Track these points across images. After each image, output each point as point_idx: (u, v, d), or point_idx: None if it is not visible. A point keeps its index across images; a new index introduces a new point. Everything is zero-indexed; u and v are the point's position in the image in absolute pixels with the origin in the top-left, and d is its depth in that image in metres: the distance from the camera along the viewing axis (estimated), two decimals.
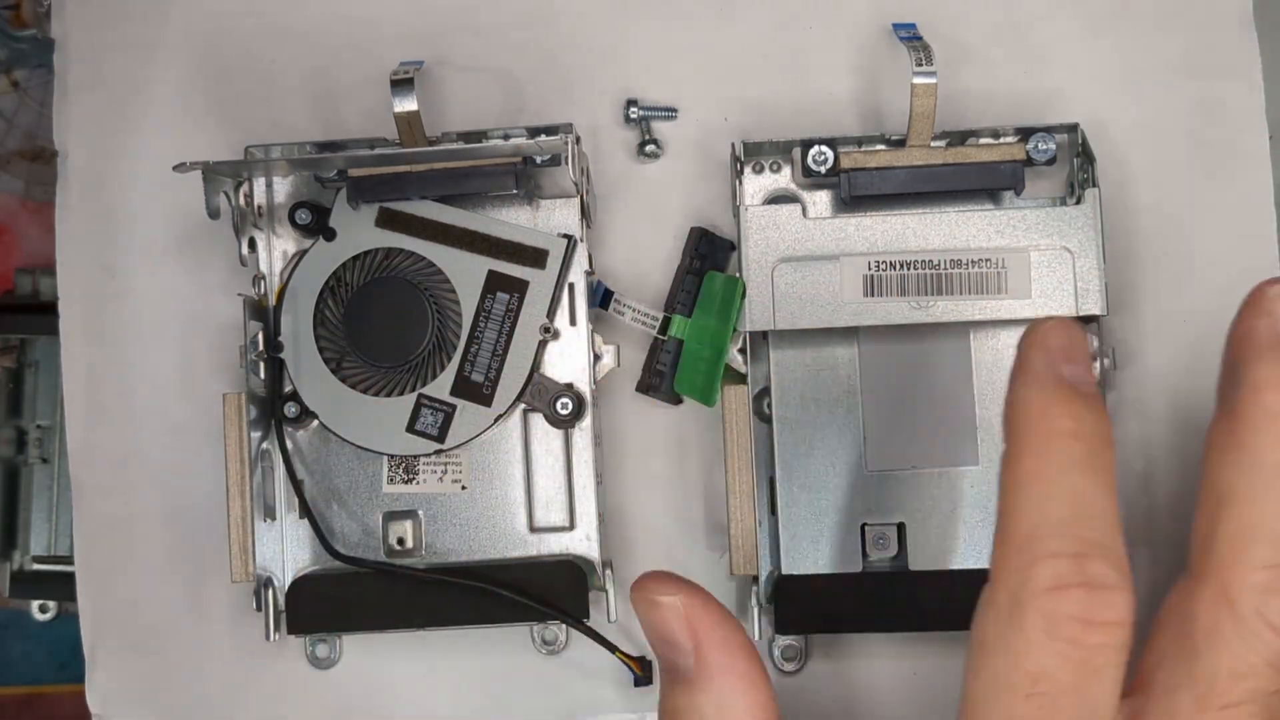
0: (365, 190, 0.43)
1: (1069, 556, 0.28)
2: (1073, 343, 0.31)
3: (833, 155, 0.43)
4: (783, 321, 0.42)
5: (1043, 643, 0.28)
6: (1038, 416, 0.30)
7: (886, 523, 0.43)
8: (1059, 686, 0.28)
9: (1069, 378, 0.30)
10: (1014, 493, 0.29)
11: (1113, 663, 0.28)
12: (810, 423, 0.43)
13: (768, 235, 0.43)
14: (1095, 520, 0.29)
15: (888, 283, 0.42)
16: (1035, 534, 0.29)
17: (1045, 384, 0.30)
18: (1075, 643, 0.28)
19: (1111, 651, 0.28)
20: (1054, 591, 0.28)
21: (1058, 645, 0.28)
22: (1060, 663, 0.28)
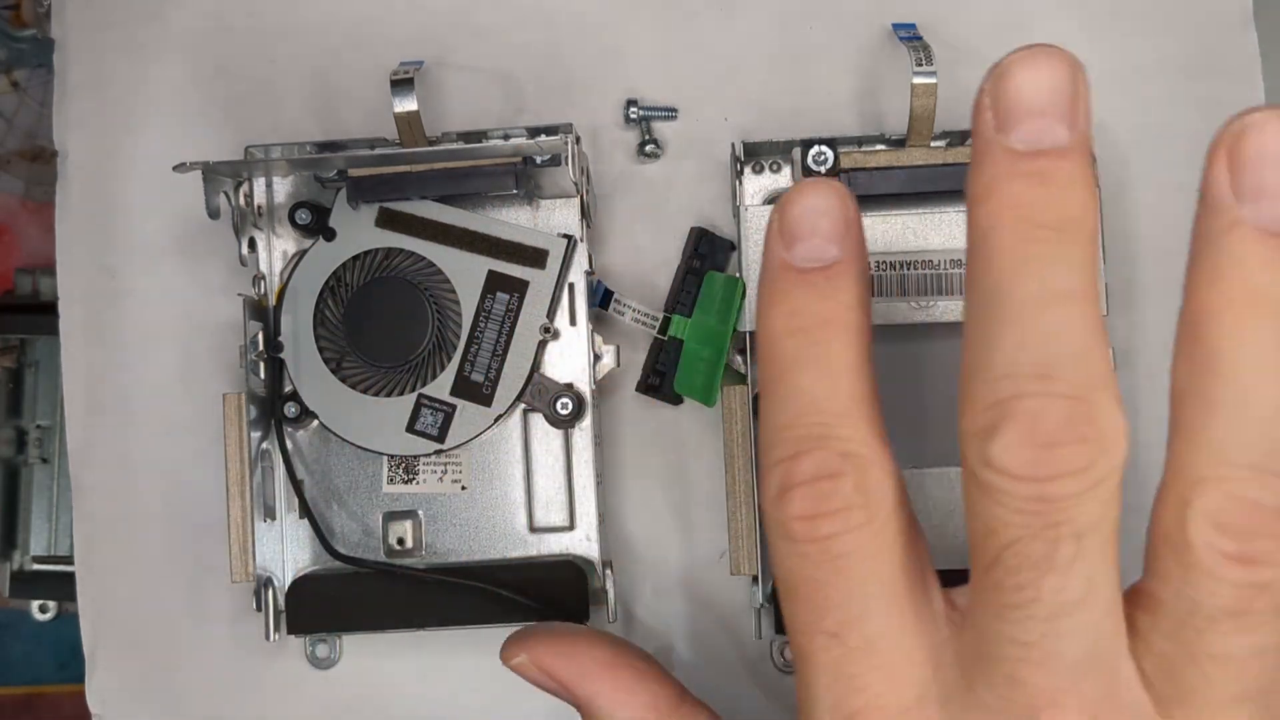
0: (365, 190, 0.43)
1: (786, 461, 0.28)
2: (804, 212, 0.29)
3: (833, 155, 0.43)
4: None
5: (787, 552, 0.28)
6: (760, 320, 0.29)
7: None
8: (815, 585, 0.28)
9: (798, 260, 0.29)
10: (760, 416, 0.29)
11: (855, 548, 0.28)
12: None
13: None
14: (811, 415, 0.28)
15: (888, 283, 0.42)
16: (763, 449, 0.28)
17: (765, 280, 0.29)
18: (808, 541, 0.28)
19: (849, 537, 0.28)
20: (778, 500, 0.28)
21: (796, 548, 0.28)
22: (803, 563, 0.28)
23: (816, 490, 0.28)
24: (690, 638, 0.46)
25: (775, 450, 0.28)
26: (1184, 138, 0.46)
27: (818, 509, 0.27)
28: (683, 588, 0.46)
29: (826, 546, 0.28)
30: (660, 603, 0.46)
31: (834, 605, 0.28)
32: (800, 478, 0.28)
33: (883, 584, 0.28)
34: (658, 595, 0.46)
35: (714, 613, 0.46)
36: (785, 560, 0.28)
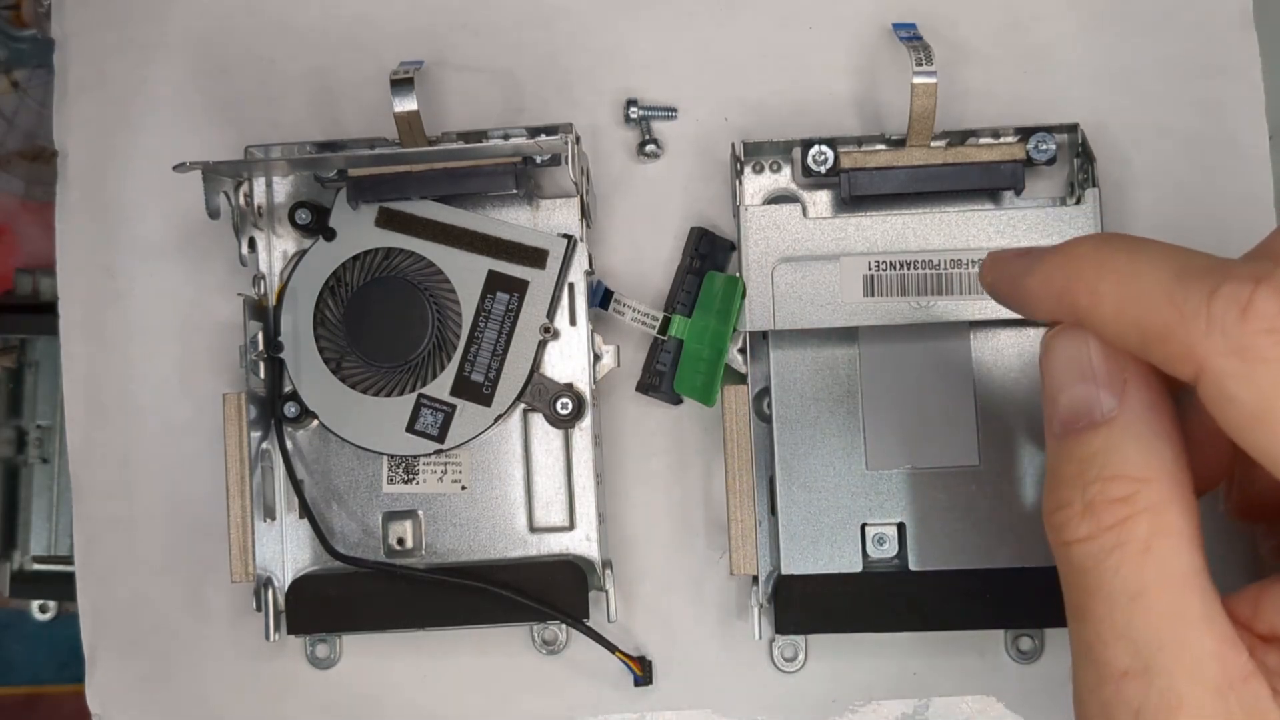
0: (365, 190, 0.43)
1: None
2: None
3: (833, 155, 0.43)
4: (783, 321, 0.42)
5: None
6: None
7: (886, 523, 0.43)
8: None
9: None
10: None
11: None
12: (810, 423, 0.43)
13: (768, 235, 0.43)
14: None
15: (888, 283, 0.42)
16: None
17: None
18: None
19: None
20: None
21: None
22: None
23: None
24: (690, 638, 0.46)
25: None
26: (1184, 138, 0.46)
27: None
28: (683, 588, 0.46)
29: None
30: (660, 603, 0.46)
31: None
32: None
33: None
34: (658, 595, 0.46)
35: (714, 613, 0.46)
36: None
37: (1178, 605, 0.28)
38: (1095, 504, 0.29)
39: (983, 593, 0.42)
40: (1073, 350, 0.30)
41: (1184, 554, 0.28)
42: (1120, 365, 0.29)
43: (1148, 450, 0.29)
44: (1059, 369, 0.30)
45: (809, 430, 0.43)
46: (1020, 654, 0.45)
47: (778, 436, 0.43)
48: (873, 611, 0.42)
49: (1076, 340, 0.30)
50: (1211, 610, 0.28)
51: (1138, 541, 0.28)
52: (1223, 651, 0.28)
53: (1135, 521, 0.28)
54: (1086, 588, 0.29)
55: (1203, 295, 0.26)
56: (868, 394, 0.43)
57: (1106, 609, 0.28)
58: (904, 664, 0.45)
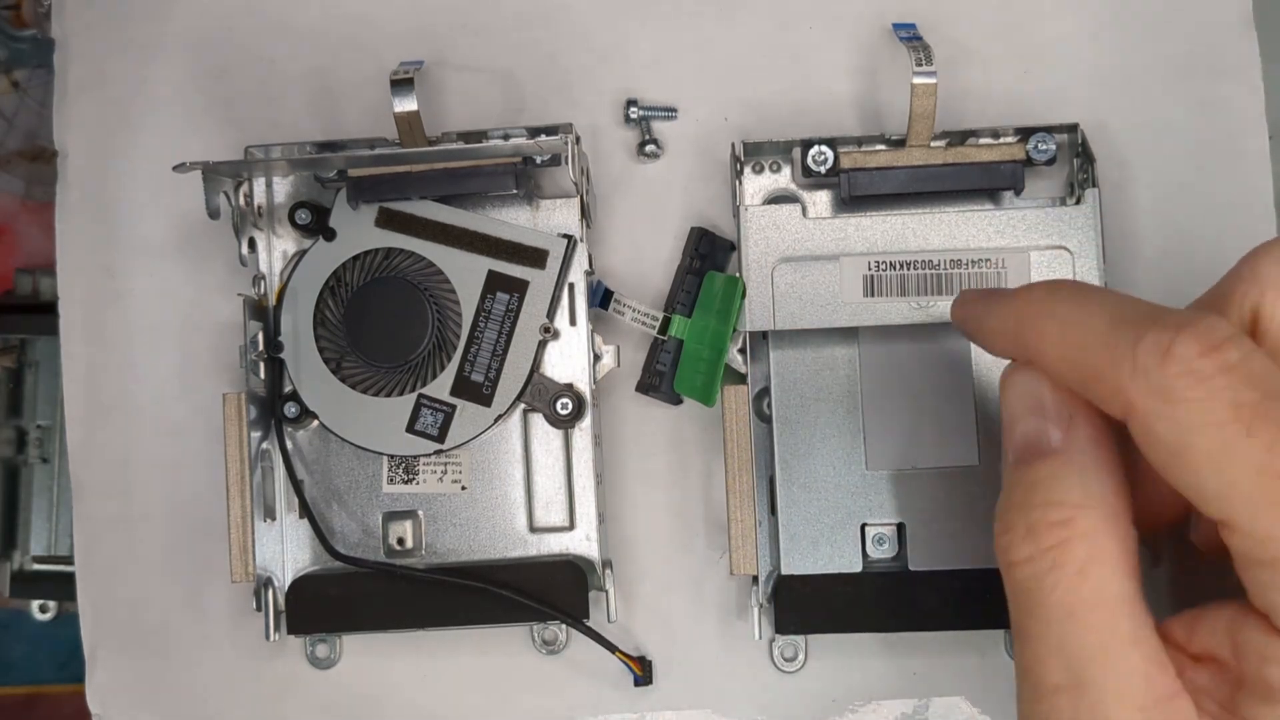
0: (365, 190, 0.43)
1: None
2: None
3: (833, 155, 0.43)
4: (783, 321, 0.42)
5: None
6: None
7: (886, 523, 0.43)
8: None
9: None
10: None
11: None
12: (810, 423, 0.43)
13: (768, 235, 0.43)
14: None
15: (888, 283, 0.42)
16: None
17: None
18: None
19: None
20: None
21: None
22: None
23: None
24: (690, 638, 0.46)
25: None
26: (1184, 138, 0.46)
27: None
28: (683, 588, 0.46)
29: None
30: (660, 603, 0.46)
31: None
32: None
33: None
34: (658, 595, 0.46)
35: (714, 613, 0.46)
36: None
37: (1109, 625, 0.29)
38: (1036, 527, 0.30)
39: (983, 593, 0.42)
40: (1026, 387, 0.32)
41: (1117, 578, 0.29)
42: (1067, 403, 0.32)
43: (1088, 481, 0.30)
44: (1014, 403, 0.33)
45: (809, 430, 0.43)
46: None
47: (778, 436, 0.43)
48: (872, 611, 0.42)
49: (1030, 377, 0.32)
50: (1141, 632, 0.29)
51: (1074, 564, 0.30)
52: (1150, 671, 0.29)
53: (1072, 545, 0.30)
54: (1026, 607, 0.31)
55: (1131, 341, 0.28)
56: (868, 394, 0.43)
57: (1042, 627, 0.30)
58: (904, 664, 0.45)
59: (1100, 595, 0.29)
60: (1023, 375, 0.33)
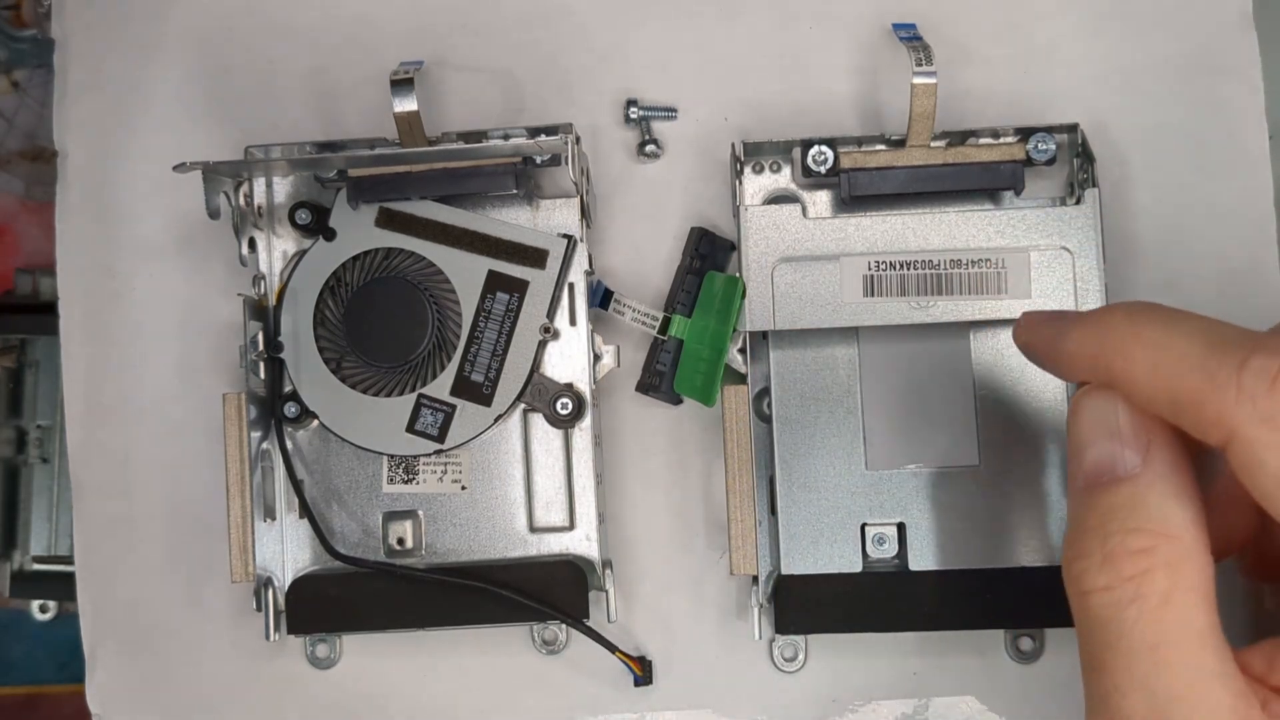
0: (365, 190, 0.43)
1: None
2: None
3: (833, 155, 0.43)
4: (783, 321, 0.42)
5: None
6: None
7: (886, 523, 0.43)
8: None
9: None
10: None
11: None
12: (810, 423, 0.43)
13: (768, 235, 0.43)
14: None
15: (888, 283, 0.42)
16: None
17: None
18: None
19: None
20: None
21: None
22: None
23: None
24: (690, 638, 0.46)
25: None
26: (1184, 138, 0.46)
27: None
28: (683, 588, 0.46)
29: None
30: (660, 603, 0.46)
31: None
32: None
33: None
34: (658, 595, 0.46)
35: (714, 613, 0.46)
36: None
37: (1195, 659, 0.29)
38: (1115, 555, 0.29)
39: (983, 593, 0.42)
40: (1101, 411, 0.32)
41: (1201, 611, 0.29)
42: (1145, 427, 0.31)
43: (1169, 507, 0.30)
44: (1086, 426, 0.32)
45: (809, 430, 0.43)
46: (1020, 654, 0.45)
47: (778, 436, 0.43)
48: (873, 611, 0.42)
49: (1105, 401, 0.31)
50: (1226, 665, 0.29)
51: (1157, 594, 0.29)
52: (1238, 706, 0.28)
53: (1154, 574, 0.29)
54: (1105, 639, 0.30)
55: (1234, 366, 0.28)
56: (868, 394, 0.43)
57: (1125, 661, 0.29)
58: (904, 664, 0.45)
59: (1185, 629, 0.29)
60: (1097, 399, 0.32)
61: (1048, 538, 0.42)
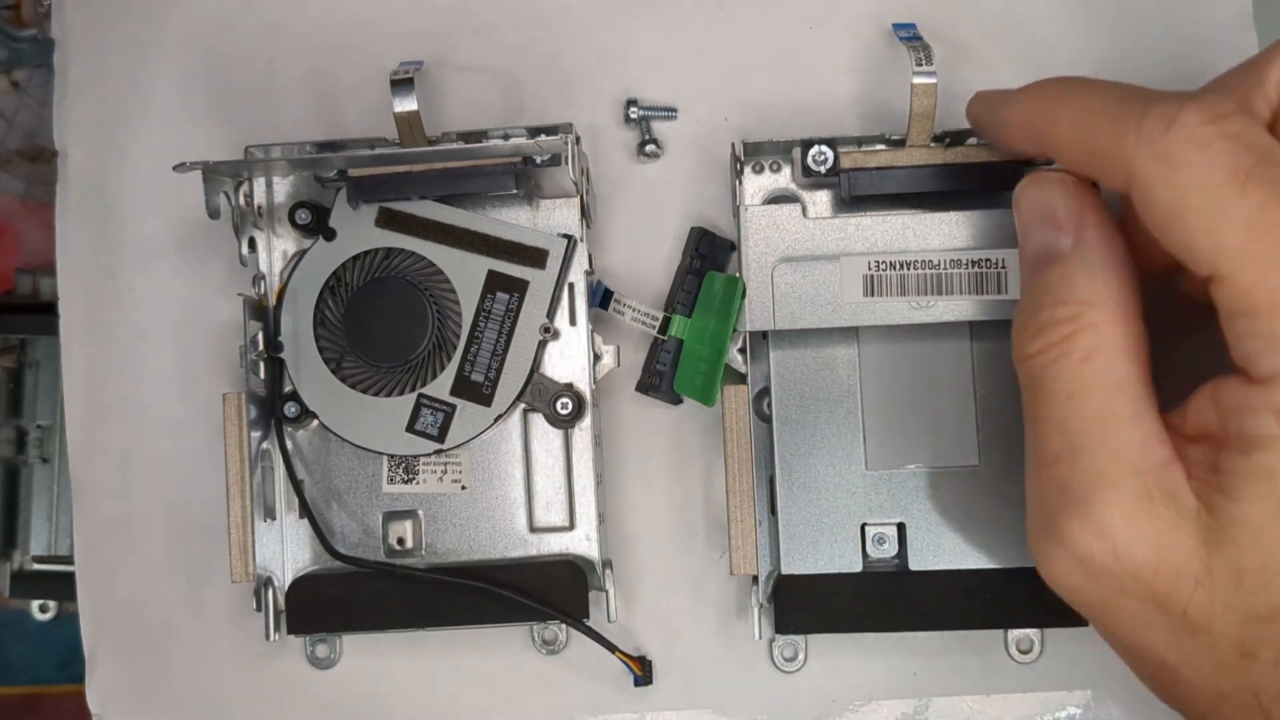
0: (365, 190, 0.43)
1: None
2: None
3: (833, 155, 0.43)
4: (782, 321, 0.42)
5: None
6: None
7: (886, 522, 0.43)
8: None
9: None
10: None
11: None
12: (810, 423, 0.43)
13: (768, 235, 0.43)
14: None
15: (888, 282, 0.42)
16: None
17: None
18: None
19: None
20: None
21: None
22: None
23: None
24: (690, 638, 0.46)
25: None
26: None
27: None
28: (683, 588, 0.46)
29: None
30: (660, 603, 0.46)
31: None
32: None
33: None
34: (658, 595, 0.46)
35: (714, 613, 0.46)
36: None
37: (1108, 404, 0.32)
38: (1044, 324, 0.33)
39: (983, 592, 0.42)
40: (1038, 198, 0.35)
41: (1121, 364, 0.32)
42: (1078, 210, 0.34)
43: (1095, 280, 0.33)
44: (1026, 215, 0.36)
45: (809, 430, 0.43)
46: (1020, 653, 0.45)
47: (778, 436, 0.43)
48: (872, 611, 0.42)
49: (1041, 189, 0.35)
50: (1141, 410, 0.32)
51: (1079, 352, 0.32)
52: (1146, 442, 0.31)
53: (1077, 336, 0.32)
54: (1035, 394, 0.33)
55: (1138, 115, 0.31)
56: (868, 394, 0.43)
57: (1045, 409, 0.33)
58: (904, 664, 0.45)
59: (1102, 379, 0.32)
60: (1034, 187, 0.35)
61: None
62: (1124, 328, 0.32)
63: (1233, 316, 0.30)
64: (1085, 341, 0.32)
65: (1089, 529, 0.31)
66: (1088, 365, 0.32)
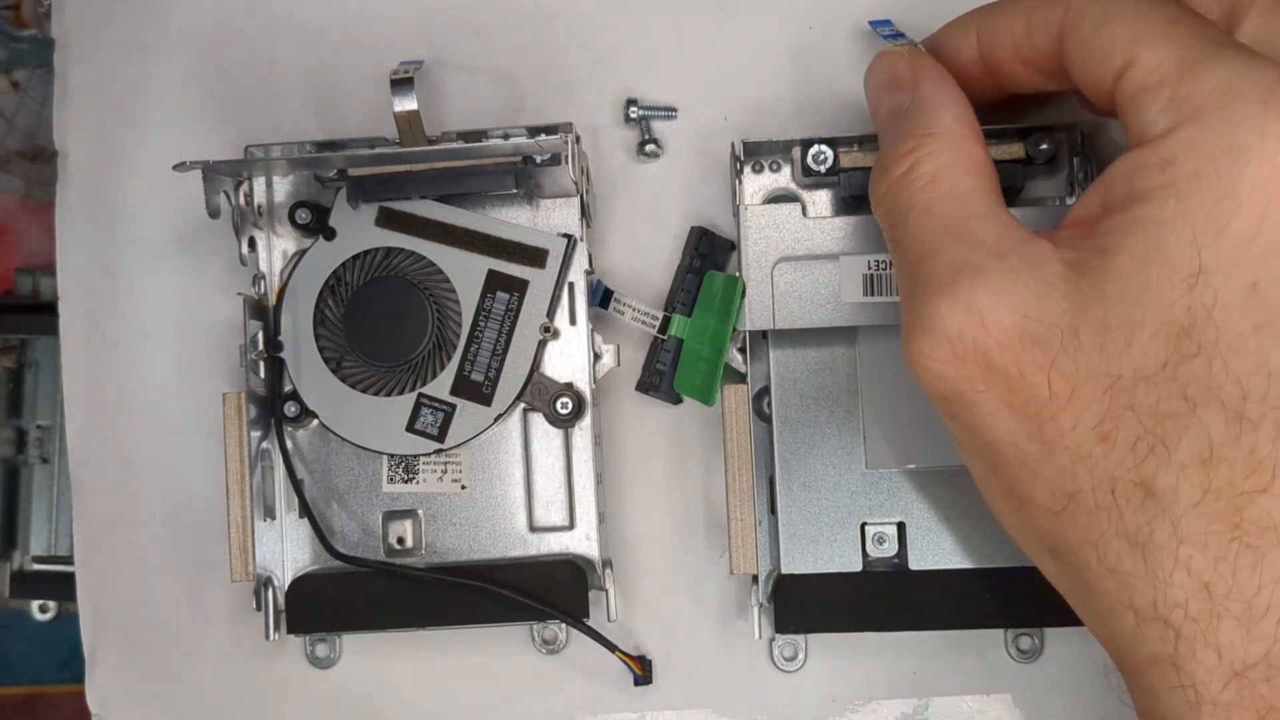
0: (365, 190, 0.43)
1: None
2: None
3: (833, 155, 0.43)
4: (782, 321, 0.42)
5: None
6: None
7: (886, 522, 0.43)
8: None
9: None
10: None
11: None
12: (810, 422, 0.43)
13: (768, 235, 0.43)
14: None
15: (888, 282, 0.42)
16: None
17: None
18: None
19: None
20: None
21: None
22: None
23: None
24: (690, 637, 0.46)
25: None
26: None
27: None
28: (683, 587, 0.46)
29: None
30: (660, 602, 0.46)
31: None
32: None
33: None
34: (658, 595, 0.46)
35: (714, 612, 0.46)
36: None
37: (961, 209, 0.34)
38: (890, 162, 0.36)
39: (983, 592, 0.42)
40: (880, 71, 0.38)
41: (967, 180, 0.34)
42: (913, 68, 0.37)
43: (931, 115, 0.36)
44: (873, 90, 0.39)
45: (809, 430, 0.43)
46: (1020, 653, 0.45)
47: (778, 436, 0.43)
48: (872, 611, 0.42)
49: (880, 62, 0.39)
50: (993, 209, 0.34)
51: (925, 176, 0.35)
52: (1003, 231, 0.33)
53: (921, 163, 0.35)
54: (893, 220, 0.36)
55: None
56: (867, 394, 0.43)
57: (904, 228, 0.35)
58: (904, 664, 0.45)
59: (952, 192, 0.34)
60: (878, 63, 0.39)
61: None
62: (964, 150, 0.35)
63: (1137, 95, 0.32)
64: (928, 167, 0.34)
65: (956, 307, 0.32)
66: (936, 184, 0.34)
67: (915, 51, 0.38)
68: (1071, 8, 0.34)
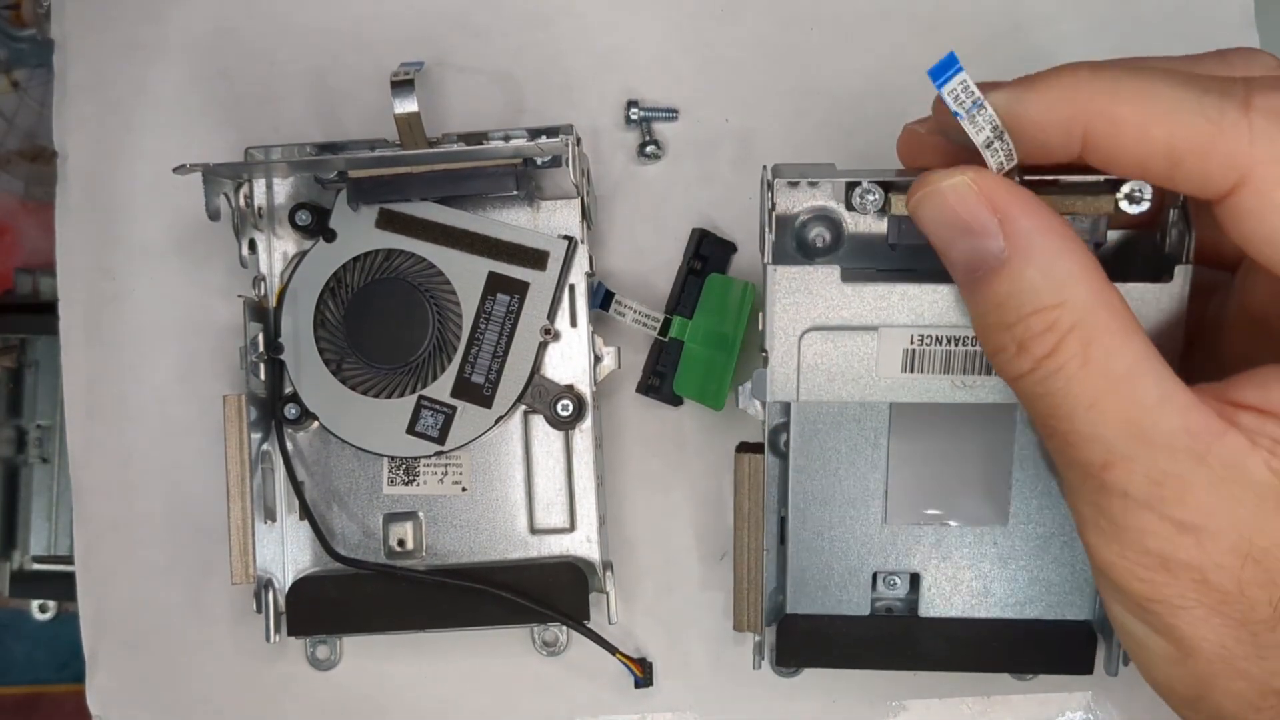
0: (365, 191, 0.43)
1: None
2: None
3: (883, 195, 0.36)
4: (807, 394, 0.38)
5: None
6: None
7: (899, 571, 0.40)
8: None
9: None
10: None
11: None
12: (831, 473, 0.40)
13: (796, 300, 0.37)
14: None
15: (930, 358, 0.37)
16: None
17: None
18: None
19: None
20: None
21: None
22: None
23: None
24: (690, 640, 0.46)
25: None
26: None
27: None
28: (683, 588, 0.46)
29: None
30: (661, 604, 0.46)
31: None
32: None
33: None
34: (658, 596, 0.46)
35: (714, 614, 0.46)
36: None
37: (1133, 398, 0.29)
38: (1024, 342, 0.30)
39: (992, 641, 0.40)
40: (938, 211, 0.31)
41: (1122, 351, 0.29)
42: (987, 207, 0.30)
43: (1050, 275, 0.30)
44: (937, 231, 0.32)
45: (828, 480, 0.40)
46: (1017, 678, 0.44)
47: (793, 484, 0.40)
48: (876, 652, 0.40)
49: (934, 200, 0.31)
50: (1167, 388, 0.29)
51: (1074, 359, 0.30)
52: (1189, 423, 0.29)
53: (1065, 343, 0.30)
54: (1046, 411, 0.31)
55: (1239, 107, 0.28)
56: (895, 450, 0.39)
57: (1069, 422, 0.30)
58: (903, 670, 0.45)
59: (1112, 375, 0.29)
60: (930, 202, 0.31)
61: (1070, 594, 0.40)
62: (1104, 310, 0.30)
63: None
64: (1073, 346, 0.30)
65: (1167, 525, 0.29)
66: (1090, 368, 0.29)
67: (979, 175, 0.31)
68: (1251, 183, 0.28)
